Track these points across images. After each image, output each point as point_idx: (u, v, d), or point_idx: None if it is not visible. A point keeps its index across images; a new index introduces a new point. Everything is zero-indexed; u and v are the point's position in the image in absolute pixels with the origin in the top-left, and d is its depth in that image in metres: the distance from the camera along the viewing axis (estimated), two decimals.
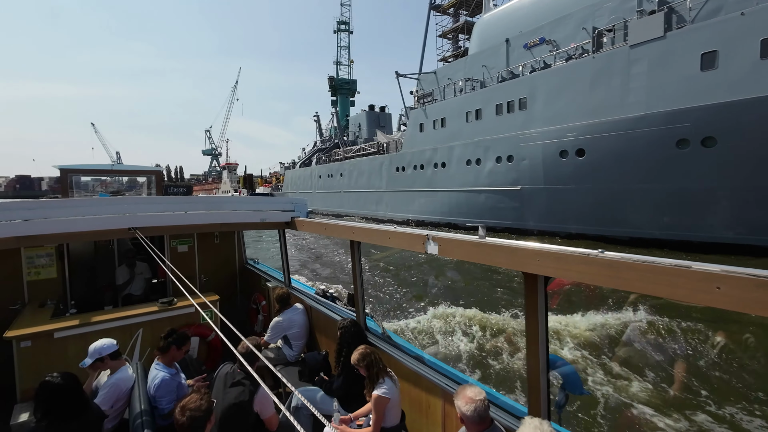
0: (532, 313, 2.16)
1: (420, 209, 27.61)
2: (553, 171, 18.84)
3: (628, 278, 1.60)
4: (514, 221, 21.17)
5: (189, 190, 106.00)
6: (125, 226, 4.42)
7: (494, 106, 21.85)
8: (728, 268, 1.37)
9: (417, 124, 27.75)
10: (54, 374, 2.57)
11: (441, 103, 25.77)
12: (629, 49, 15.85)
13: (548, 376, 2.22)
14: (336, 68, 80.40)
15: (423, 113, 27.07)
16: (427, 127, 26.77)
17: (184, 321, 4.67)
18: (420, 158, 27.29)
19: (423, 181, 27.12)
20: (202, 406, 2.32)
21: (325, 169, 41.51)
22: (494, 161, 21.79)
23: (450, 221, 25.24)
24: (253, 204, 5.49)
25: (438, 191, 25.90)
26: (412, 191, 28.24)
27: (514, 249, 2.06)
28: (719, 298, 1.35)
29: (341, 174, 38.09)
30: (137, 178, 11.63)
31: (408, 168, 28.59)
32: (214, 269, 6.50)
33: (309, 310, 4.94)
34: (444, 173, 25.32)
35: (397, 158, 29.89)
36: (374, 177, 32.79)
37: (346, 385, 3.46)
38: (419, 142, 27.55)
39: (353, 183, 35.96)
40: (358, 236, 3.50)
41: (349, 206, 36.70)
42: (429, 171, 26.56)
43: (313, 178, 44.02)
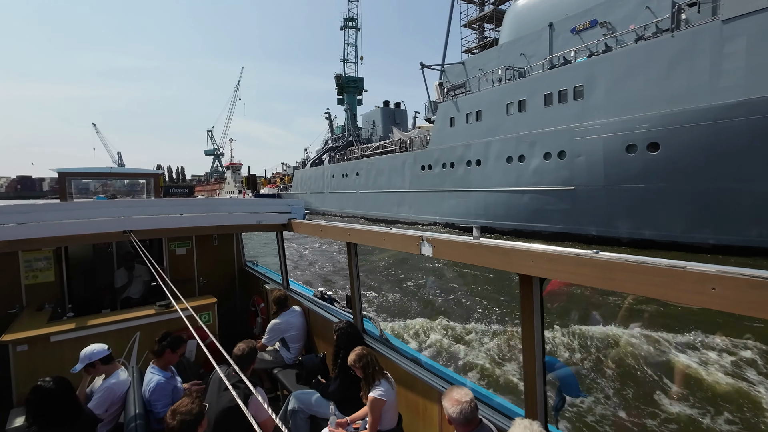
0: (527, 314, 2.14)
1: (450, 211, 25.30)
2: (617, 168, 16.52)
3: (622, 279, 1.58)
4: (565, 225, 18.86)
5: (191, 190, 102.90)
6: (120, 229, 4.35)
7: (542, 96, 19.55)
8: (723, 269, 1.34)
9: (446, 118, 25.45)
10: (46, 379, 2.55)
11: (476, 94, 23.48)
12: (721, 25, 13.55)
13: (545, 379, 2.19)
14: (343, 66, 78.19)
15: (454, 106, 24.77)
16: (459, 122, 24.47)
17: (181, 324, 4.27)
18: (450, 155, 24.98)
19: (453, 180, 24.82)
20: (193, 410, 2.29)
21: (339, 168, 39.19)
22: (541, 158, 19.49)
23: (486, 224, 22.91)
24: (250, 206, 5.46)
25: (472, 191, 23.60)
26: (441, 191, 25.93)
27: (508, 250, 2.04)
28: (714, 300, 1.33)
29: (357, 173, 35.78)
30: (138, 180, 11.63)
31: (436, 166, 26.28)
32: (213, 271, 6.44)
33: (307, 312, 4.91)
34: (479, 172, 23.02)
35: (422, 156, 27.58)
36: (395, 176, 30.49)
37: (342, 388, 3.41)
38: (449, 138, 25.25)
39: (371, 183, 33.65)
40: (353, 238, 3.48)
41: (366, 207, 34.38)
42: (461, 169, 24.26)
43: (325, 177, 41.70)
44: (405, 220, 29.50)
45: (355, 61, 79.11)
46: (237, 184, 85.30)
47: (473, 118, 23.50)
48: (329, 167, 41.12)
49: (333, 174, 40.15)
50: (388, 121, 42.25)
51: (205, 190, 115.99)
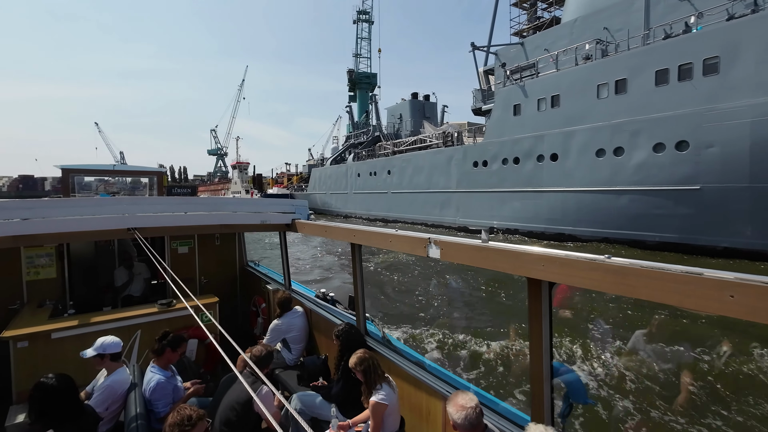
0: (536, 319, 2.10)
1: (512, 215, 21.48)
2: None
3: (637, 285, 1.54)
4: (683, 234, 15.05)
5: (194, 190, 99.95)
6: (124, 227, 4.34)
7: (652, 73, 15.72)
8: (742, 276, 1.31)
9: (509, 105, 21.64)
10: (49, 375, 2.53)
11: (552, 75, 19.65)
12: None
13: (552, 384, 2.15)
14: (356, 61, 74.79)
15: (520, 91, 20.96)
16: (527, 109, 20.66)
17: (182, 323, 4.54)
18: (514, 149, 21.18)
19: (518, 178, 21.02)
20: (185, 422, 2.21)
21: (366, 165, 35.35)
22: (650, 150, 15.69)
23: (563, 231, 19.10)
24: (253, 205, 5.41)
25: (543, 192, 19.79)
26: (500, 192, 22.11)
27: (519, 254, 2.02)
28: (732, 307, 1.30)
29: (389, 171, 31.96)
30: (141, 179, 11.05)
31: (493, 162, 22.47)
32: (215, 271, 6.41)
33: (309, 313, 4.87)
34: (555, 168, 19.21)
35: (475, 150, 23.76)
36: (438, 174, 26.67)
37: (345, 390, 3.36)
38: (512, 129, 21.45)
39: (406, 182, 29.83)
40: (358, 239, 3.45)
41: (401, 210, 30.54)
42: (529, 165, 20.45)
43: (349, 176, 37.87)
44: (451, 225, 25.66)
45: (368, 56, 75.72)
46: (244, 183, 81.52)
47: (547, 104, 19.68)
48: (354, 165, 37.28)
49: (358, 172, 36.31)
50: (418, 114, 38.40)
51: (208, 190, 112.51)
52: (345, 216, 38.68)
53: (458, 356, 7.10)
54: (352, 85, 74.17)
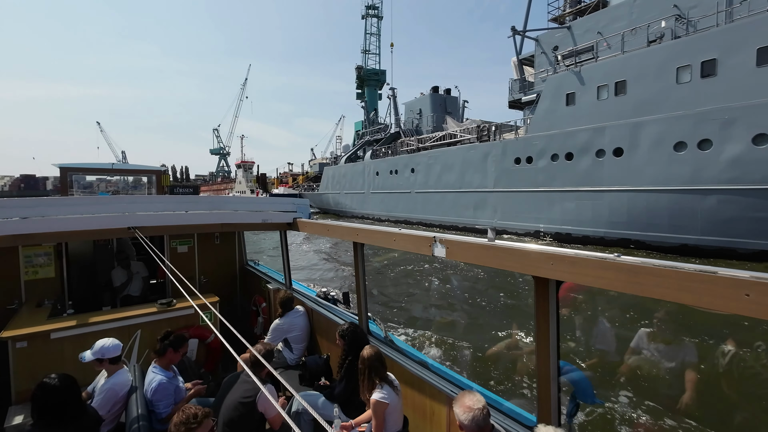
0: (542, 318, 2.08)
1: (564, 217, 19.10)
2: None
3: (649, 284, 1.52)
4: None
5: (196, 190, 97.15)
6: (124, 226, 4.30)
7: (752, 51, 13.33)
8: (758, 275, 1.30)
9: (560, 94, 19.24)
10: (52, 375, 2.50)
11: (618, 59, 17.19)
12: None
13: (559, 384, 2.12)
14: (364, 57, 72.61)
15: (575, 78, 18.56)
16: (584, 98, 18.26)
17: (183, 322, 4.53)
18: (566, 143, 18.80)
19: (572, 176, 18.64)
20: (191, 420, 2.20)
21: (385, 163, 32.97)
22: (748, 142, 13.32)
23: (628, 236, 16.72)
24: (254, 204, 5.37)
25: (604, 191, 17.42)
26: (548, 191, 19.74)
27: (526, 252, 2.00)
28: (748, 306, 1.29)
29: (412, 169, 29.58)
30: (142, 177, 10.92)
31: (540, 158, 20.09)
32: (214, 270, 6.35)
33: (310, 312, 4.81)
34: (619, 164, 16.83)
35: (517, 145, 21.38)
36: (471, 172, 24.29)
37: (347, 390, 3.35)
38: (563, 121, 19.06)
39: (433, 181, 27.45)
40: (361, 238, 3.40)
41: (426, 211, 28.16)
42: (586, 161, 18.07)
43: (366, 175, 35.50)
44: (486, 228, 23.24)
45: (377, 52, 73.64)
46: (249, 183, 79.18)
47: (610, 92, 17.27)
48: (372, 163, 34.89)
49: (377, 171, 33.93)
50: (439, 109, 36.01)
51: (211, 190, 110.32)
52: (361, 217, 36.30)
53: (462, 355, 6.96)
54: (360, 82, 71.95)
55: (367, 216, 35.39)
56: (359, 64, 72.02)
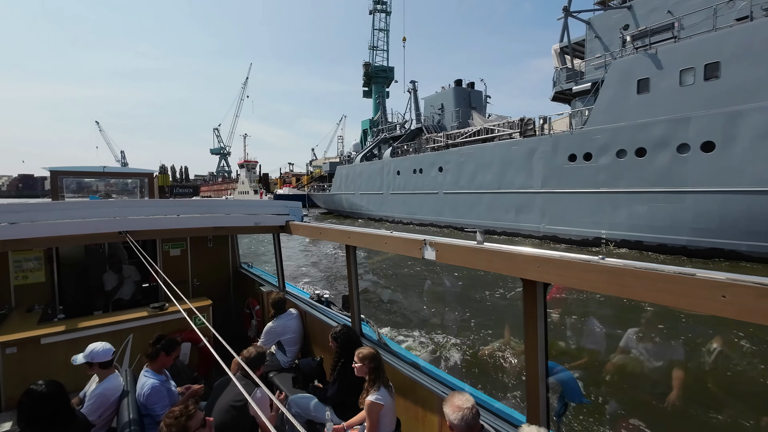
0: (531, 320, 2.12)
1: (633, 222, 16.55)
2: None
3: (631, 286, 1.56)
4: None
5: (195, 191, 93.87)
6: (115, 230, 4.24)
7: None
8: (734, 276, 1.33)
9: (630, 80, 16.68)
10: (39, 382, 2.46)
11: (709, 37, 14.63)
12: None
13: (547, 384, 2.16)
14: (372, 53, 70.40)
15: (650, 61, 16.01)
16: (662, 84, 15.70)
17: (175, 326, 4.53)
18: (638, 137, 16.26)
19: (644, 175, 16.10)
20: (181, 419, 2.19)
21: (408, 162, 30.38)
22: None
23: (720, 246, 14.18)
24: (247, 207, 5.28)
25: (688, 193, 14.89)
26: (613, 192, 17.20)
27: (514, 255, 2.03)
28: (724, 307, 1.32)
29: (440, 168, 27.00)
30: (132, 180, 11.04)
31: (602, 154, 17.55)
32: (208, 273, 6.36)
33: (303, 315, 4.82)
34: (710, 161, 14.30)
35: (572, 140, 18.82)
36: (514, 171, 21.74)
37: (340, 393, 3.34)
38: (634, 111, 16.53)
39: (466, 180, 24.88)
40: (353, 241, 3.42)
41: (457, 213, 25.59)
42: (663, 158, 15.53)
43: (385, 174, 32.90)
44: (532, 233, 20.72)
45: (385, 48, 71.46)
46: (252, 183, 76.46)
47: (697, 76, 14.72)
48: (392, 161, 32.30)
49: (398, 170, 31.33)
50: (463, 103, 33.43)
51: (211, 191, 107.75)
52: (379, 220, 33.71)
53: (454, 356, 6.95)
54: (367, 79, 69.62)
55: (386, 218, 32.79)
56: (367, 61, 69.66)
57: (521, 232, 21.43)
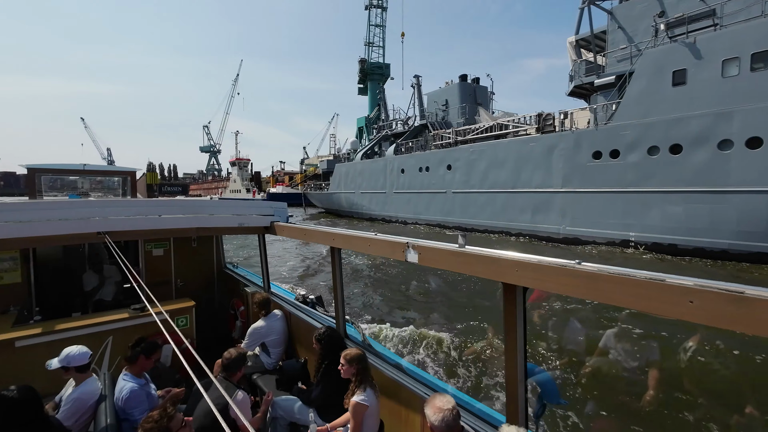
0: (510, 323, 2.14)
1: (666, 224, 15.44)
2: None
3: (606, 290, 1.58)
4: None
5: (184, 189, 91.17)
6: (94, 231, 4.13)
7: None
8: (701, 282, 1.34)
9: (665, 72, 15.50)
10: (10, 388, 2.39)
11: (760, 22, 13.44)
12: None
13: (526, 386, 2.20)
14: (367, 50, 69.07)
15: (687, 51, 14.84)
16: (702, 75, 14.54)
17: (157, 328, 3.56)
18: (672, 133, 15.12)
19: (679, 174, 14.99)
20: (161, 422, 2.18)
21: (413, 159, 29.01)
22: None
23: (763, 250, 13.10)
24: (231, 208, 5.19)
25: (732, 193, 13.79)
26: (643, 192, 16.07)
27: (495, 259, 2.04)
28: (692, 312, 1.33)
29: (449, 166, 25.70)
30: (113, 178, 10.84)
31: (631, 151, 16.40)
32: (191, 273, 6.24)
33: (288, 316, 4.77)
34: (758, 159, 13.21)
35: (596, 136, 17.65)
36: (531, 168, 20.54)
37: (324, 394, 3.32)
38: (669, 104, 15.38)
39: (477, 179, 23.62)
40: (338, 243, 3.45)
41: (467, 214, 24.32)
42: (702, 155, 14.42)
43: (389, 172, 31.49)
44: (552, 235, 19.53)
45: (381, 44, 70.25)
46: (245, 182, 74.40)
47: (742, 66, 13.59)
48: (396, 159, 30.89)
49: (402, 167, 29.95)
50: (469, 99, 32.16)
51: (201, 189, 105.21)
52: (381, 220, 32.31)
53: (438, 357, 6.94)
54: (363, 75, 68.18)
55: (389, 219, 31.40)
56: (363, 57, 68.25)
57: (539, 234, 20.24)
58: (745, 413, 4.79)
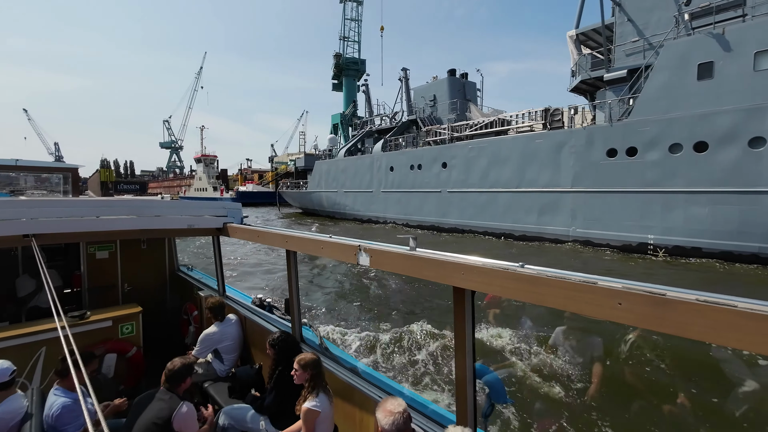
0: (460, 325, 2.17)
1: (689, 226, 14.59)
2: None
3: (544, 293, 1.62)
4: None
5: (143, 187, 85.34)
6: (19, 233, 3.73)
7: None
8: (629, 284, 1.40)
9: (689, 65, 14.62)
10: None
11: None
12: None
13: (475, 386, 2.25)
14: (342, 45, 67.20)
15: (714, 43, 13.98)
16: (731, 68, 13.65)
17: (100, 336, 4.24)
18: (698, 129, 14.27)
19: (705, 173, 14.17)
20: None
21: (404, 156, 27.28)
22: None
23: None
24: (182, 209, 4.91)
25: (762, 193, 13.04)
26: (663, 192, 15.18)
27: (443, 262, 2.06)
28: (621, 314, 1.38)
29: (444, 164, 24.20)
30: (51, 175, 10.24)
31: (650, 149, 15.48)
32: (141, 277, 5.95)
33: (243, 321, 4.61)
34: None
35: (612, 133, 16.63)
36: (537, 167, 19.37)
37: (277, 401, 3.25)
38: (691, 100, 14.52)
39: (476, 178, 22.25)
40: (292, 245, 3.42)
41: (464, 215, 22.91)
42: (730, 153, 13.62)
43: (376, 170, 29.60)
44: (560, 237, 18.43)
45: (357, 39, 68.55)
46: (211, 180, 70.07)
47: None
48: (384, 156, 29.04)
49: (391, 165, 28.16)
50: (458, 95, 30.87)
51: (161, 187, 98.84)
52: (367, 221, 30.42)
53: (394, 359, 6.93)
54: (337, 71, 66.05)
55: (377, 219, 29.56)
56: (338, 51, 66.02)
57: (545, 236, 19.10)
58: (677, 402, 5.07)
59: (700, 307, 1.21)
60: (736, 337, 1.16)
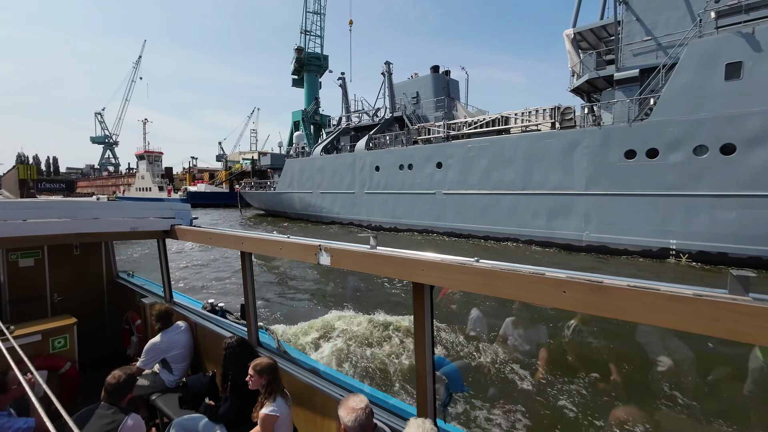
0: (419, 319, 2.21)
1: (716, 232, 14.13)
2: None
3: (499, 285, 1.71)
4: None
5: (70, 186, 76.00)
6: None
7: None
8: (572, 274, 1.53)
9: (716, 65, 14.15)
10: None
11: None
12: None
13: (434, 378, 2.29)
14: (304, 39, 64.22)
15: (743, 42, 13.56)
16: (761, 68, 13.33)
17: (28, 352, 3.46)
18: (725, 131, 13.82)
19: (733, 176, 13.74)
20: None
21: (392, 155, 25.32)
22: None
23: None
24: (124, 210, 4.57)
25: None
26: (687, 196, 14.65)
27: (403, 260, 2.10)
28: (565, 301, 1.50)
29: (438, 164, 22.62)
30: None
31: (673, 151, 14.90)
32: (73, 286, 5.47)
33: (194, 327, 4.37)
34: None
35: (631, 133, 15.93)
36: (545, 168, 18.35)
37: (233, 409, 3.14)
38: (718, 100, 14.08)
39: (476, 179, 20.89)
40: (247, 247, 3.30)
41: (462, 218, 21.46)
42: (761, 156, 13.25)
43: (359, 170, 27.37)
44: (571, 242, 17.51)
45: (320, 34, 65.93)
46: (156, 178, 63.54)
47: None
48: (368, 155, 26.88)
49: (377, 165, 26.10)
50: (443, 93, 29.57)
51: (93, 186, 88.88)
52: (349, 224, 28.12)
53: (354, 357, 6.91)
54: (299, 66, 62.95)
55: (359, 223, 27.34)
56: (299, 45, 62.81)
57: (555, 242, 18.12)
58: (611, 380, 5.59)
59: (631, 292, 1.37)
60: (661, 317, 1.30)
